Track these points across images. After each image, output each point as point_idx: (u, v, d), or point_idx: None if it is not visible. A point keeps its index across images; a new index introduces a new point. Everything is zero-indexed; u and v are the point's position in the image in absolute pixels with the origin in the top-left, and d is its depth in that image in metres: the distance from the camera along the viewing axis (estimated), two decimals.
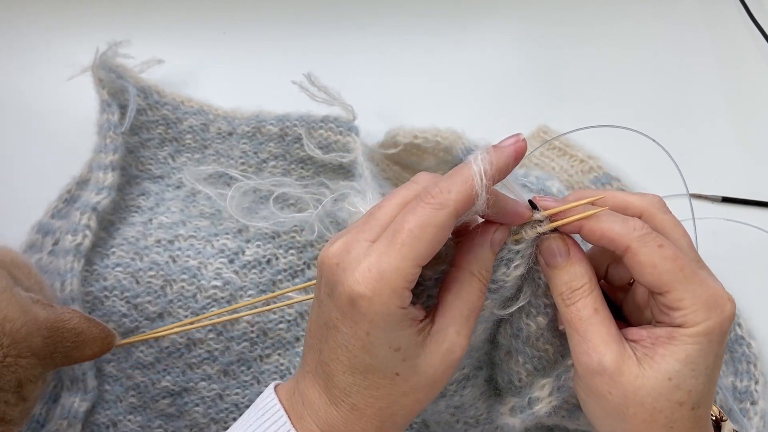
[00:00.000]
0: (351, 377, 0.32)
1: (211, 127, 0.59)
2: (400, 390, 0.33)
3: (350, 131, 0.55)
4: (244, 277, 0.52)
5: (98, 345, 0.42)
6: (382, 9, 0.70)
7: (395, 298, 0.30)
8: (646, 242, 0.32)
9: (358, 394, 0.33)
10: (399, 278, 0.30)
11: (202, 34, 0.68)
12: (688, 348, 0.31)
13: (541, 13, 0.70)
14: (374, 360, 0.32)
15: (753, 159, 0.61)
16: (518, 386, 0.39)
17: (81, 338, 0.41)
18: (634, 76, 0.66)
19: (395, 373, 0.32)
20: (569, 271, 0.33)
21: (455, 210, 0.31)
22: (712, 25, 0.68)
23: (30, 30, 0.67)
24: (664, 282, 0.31)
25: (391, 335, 0.31)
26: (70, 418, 0.48)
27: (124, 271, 0.51)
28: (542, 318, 0.36)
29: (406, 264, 0.30)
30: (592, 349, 0.32)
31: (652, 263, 0.31)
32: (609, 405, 0.32)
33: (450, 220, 0.31)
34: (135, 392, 0.51)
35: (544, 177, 0.36)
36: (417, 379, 0.33)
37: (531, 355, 0.38)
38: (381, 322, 0.31)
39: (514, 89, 0.65)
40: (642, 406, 0.31)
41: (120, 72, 0.56)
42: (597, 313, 0.33)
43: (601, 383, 0.32)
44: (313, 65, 0.55)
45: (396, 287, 0.30)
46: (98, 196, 0.52)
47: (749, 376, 0.52)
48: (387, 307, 0.30)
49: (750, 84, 0.65)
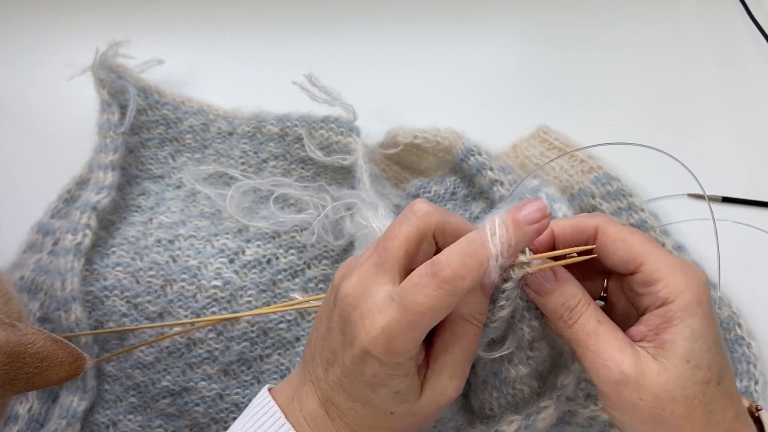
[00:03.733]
0: (351, 403, 0.35)
1: (211, 127, 0.59)
2: (393, 424, 0.35)
3: (351, 132, 0.55)
4: (245, 276, 0.52)
5: (65, 370, 0.38)
6: (383, 9, 0.70)
7: (404, 355, 0.33)
8: (613, 222, 0.34)
9: (355, 417, 0.35)
10: (408, 343, 0.32)
11: (202, 34, 0.68)
12: (689, 322, 0.31)
13: (541, 14, 0.70)
14: (375, 397, 0.34)
15: (753, 159, 0.61)
16: (488, 414, 0.39)
17: (45, 363, 0.36)
18: (634, 76, 0.66)
19: (391, 411, 0.34)
20: (562, 293, 0.34)
21: (465, 292, 0.32)
22: (712, 25, 0.68)
23: (30, 30, 0.67)
24: (638, 254, 0.32)
25: (395, 382, 0.33)
26: (69, 417, 0.48)
27: (124, 270, 0.51)
28: (523, 367, 0.37)
29: (414, 334, 0.32)
30: (608, 360, 0.32)
31: (622, 237, 0.33)
32: (643, 412, 0.31)
33: (457, 299, 0.32)
34: (135, 392, 0.51)
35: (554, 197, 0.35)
36: (411, 419, 0.35)
37: (506, 392, 0.38)
38: (389, 370, 0.33)
39: (514, 89, 0.65)
40: (675, 401, 0.31)
41: (120, 72, 0.56)
42: (601, 323, 0.33)
43: (629, 393, 0.31)
44: (313, 65, 0.55)
45: (406, 350, 0.32)
46: (98, 195, 0.52)
47: (749, 376, 0.52)
48: (395, 360, 0.33)
49: (750, 84, 0.65)
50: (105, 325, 0.50)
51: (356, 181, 0.53)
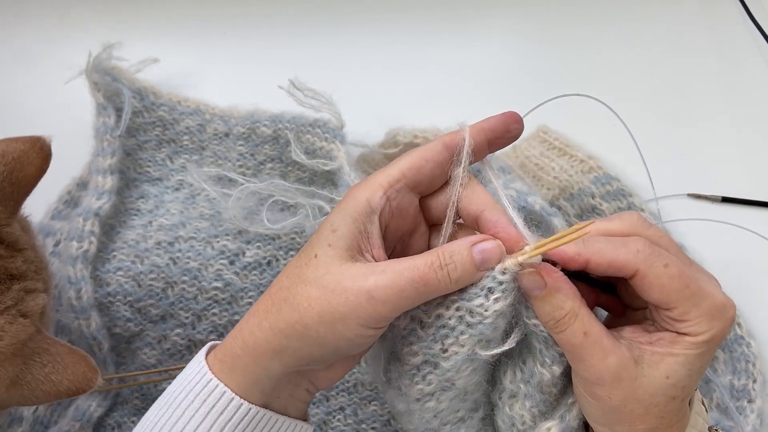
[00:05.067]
0: (291, 260, 0.35)
1: (207, 128, 0.58)
2: (306, 275, 0.33)
3: (335, 138, 0.55)
4: (245, 278, 0.52)
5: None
6: (382, 9, 0.70)
7: (369, 189, 0.34)
8: (652, 263, 0.32)
9: (283, 272, 0.34)
10: (381, 176, 0.34)
11: (199, 34, 0.68)
12: (689, 353, 0.32)
13: (541, 13, 0.70)
14: (315, 235, 0.34)
15: (753, 159, 0.61)
16: (521, 429, 0.38)
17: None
18: (634, 77, 0.66)
19: (315, 254, 0.33)
20: (549, 302, 0.33)
21: (443, 141, 0.35)
22: (712, 25, 0.68)
23: (27, 32, 0.67)
24: (671, 300, 0.32)
25: (340, 214, 0.34)
26: (83, 421, 0.48)
27: (125, 275, 0.51)
28: (557, 367, 0.36)
29: (391, 168, 0.34)
30: (589, 367, 0.33)
31: (660, 284, 0.32)
32: (607, 405, 0.33)
33: (437, 144, 0.35)
34: (139, 394, 0.51)
35: (526, 192, 0.35)
36: (324, 272, 0.33)
37: (539, 399, 0.37)
38: (344, 201, 0.34)
39: (514, 89, 0.65)
40: (639, 403, 0.33)
41: (115, 74, 0.56)
42: (587, 336, 0.33)
43: (601, 391, 0.33)
44: (312, 65, 0.55)
45: (374, 181, 0.34)
46: (99, 201, 0.52)
47: (747, 374, 0.52)
48: (358, 192, 0.34)
49: (750, 84, 0.65)
50: (112, 330, 0.51)
51: (342, 187, 0.53)
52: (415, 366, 0.35)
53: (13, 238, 0.37)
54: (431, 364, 0.35)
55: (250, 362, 0.34)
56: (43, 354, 0.36)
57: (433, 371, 0.35)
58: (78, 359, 0.36)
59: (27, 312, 0.36)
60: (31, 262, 0.37)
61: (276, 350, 0.33)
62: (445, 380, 0.35)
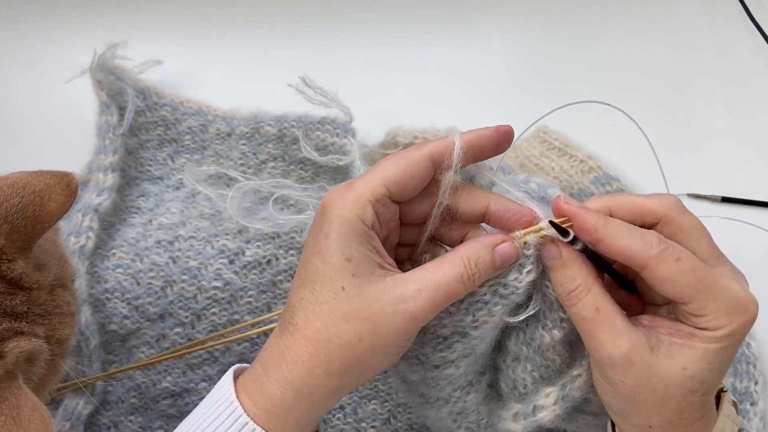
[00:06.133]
0: (301, 292, 0.34)
1: (209, 128, 0.59)
2: (341, 309, 0.33)
3: (347, 133, 0.55)
4: (245, 277, 0.52)
5: (60, 194, 0.36)
6: (382, 9, 0.70)
7: (357, 206, 0.33)
8: (664, 258, 0.32)
9: (303, 311, 0.33)
10: (365, 190, 0.33)
11: (201, 35, 0.68)
12: (709, 347, 0.32)
13: (541, 13, 0.70)
14: (325, 266, 0.33)
15: (753, 159, 0.61)
16: (523, 393, 0.39)
17: (32, 192, 0.34)
18: (634, 76, 0.66)
19: (341, 286, 0.33)
20: (563, 273, 0.34)
21: (430, 151, 0.34)
22: (712, 25, 0.68)
23: (29, 32, 0.67)
24: (686, 294, 0.32)
25: (345, 241, 0.33)
26: (73, 420, 0.48)
27: (124, 272, 0.51)
28: (557, 331, 0.37)
29: (373, 181, 0.33)
30: (600, 345, 0.33)
31: (672, 278, 0.32)
32: (621, 391, 0.33)
33: (424, 158, 0.34)
34: (136, 393, 0.51)
35: (546, 185, 0.36)
36: (360, 303, 0.32)
37: (539, 363, 0.38)
38: (339, 225, 0.33)
39: (514, 89, 0.65)
40: (654, 393, 0.32)
41: (118, 73, 0.56)
42: (599, 311, 0.33)
43: (613, 374, 0.33)
44: (312, 65, 0.55)
45: (360, 196, 0.33)
46: (99, 197, 0.52)
47: (749, 376, 0.52)
48: (347, 212, 0.33)
49: (750, 84, 0.65)
50: (107, 326, 0.50)
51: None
52: (442, 336, 0.36)
53: (15, 275, 0.34)
54: (460, 333, 0.36)
55: (306, 408, 0.34)
56: (1, 403, 0.33)
57: (460, 340, 0.36)
58: (37, 417, 0.33)
59: (2, 353, 0.33)
60: (37, 305, 0.35)
61: (334, 391, 0.34)
62: (469, 348, 0.37)
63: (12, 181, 0.35)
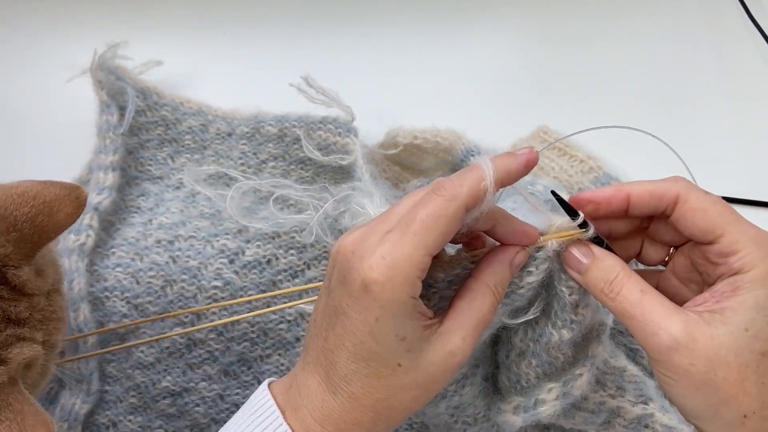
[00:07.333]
0: (354, 364, 0.33)
1: (210, 128, 0.59)
2: (399, 382, 0.33)
3: (349, 132, 0.55)
4: (245, 277, 0.52)
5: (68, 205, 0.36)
6: (382, 9, 0.70)
7: (407, 286, 0.31)
8: (693, 188, 0.33)
9: (359, 383, 0.33)
10: (411, 267, 0.31)
11: (201, 35, 0.68)
12: (756, 293, 0.31)
13: (541, 13, 0.70)
14: (379, 347, 0.32)
15: (753, 159, 0.61)
16: (525, 387, 0.40)
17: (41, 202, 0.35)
18: (634, 76, 0.66)
19: (398, 363, 0.33)
20: (600, 267, 0.34)
21: (465, 202, 0.32)
22: (712, 25, 0.68)
23: (29, 32, 0.67)
24: (717, 225, 0.32)
25: (399, 323, 0.32)
26: (70, 420, 0.48)
27: (124, 271, 0.51)
28: (566, 332, 0.37)
29: (418, 253, 0.31)
30: (657, 327, 0.31)
31: (703, 207, 0.32)
32: (696, 378, 0.31)
33: (460, 211, 0.32)
34: (135, 392, 0.51)
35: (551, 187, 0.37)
36: (417, 373, 0.33)
37: (544, 360, 0.39)
38: (391, 309, 0.31)
39: (514, 89, 0.66)
40: (728, 367, 0.30)
41: (119, 73, 0.56)
42: (645, 293, 0.33)
43: (680, 358, 0.31)
44: (312, 65, 0.55)
45: (408, 275, 0.31)
46: (99, 196, 0.52)
47: None
48: (398, 295, 0.31)
49: (749, 84, 0.65)
50: (106, 325, 0.50)
51: (356, 179, 0.53)
52: None
53: (20, 282, 0.34)
54: None
55: None
56: (5, 408, 0.33)
57: None
58: (40, 423, 0.34)
59: (6, 359, 0.33)
60: (38, 310, 0.36)
61: None
62: None
63: (23, 189, 0.35)
